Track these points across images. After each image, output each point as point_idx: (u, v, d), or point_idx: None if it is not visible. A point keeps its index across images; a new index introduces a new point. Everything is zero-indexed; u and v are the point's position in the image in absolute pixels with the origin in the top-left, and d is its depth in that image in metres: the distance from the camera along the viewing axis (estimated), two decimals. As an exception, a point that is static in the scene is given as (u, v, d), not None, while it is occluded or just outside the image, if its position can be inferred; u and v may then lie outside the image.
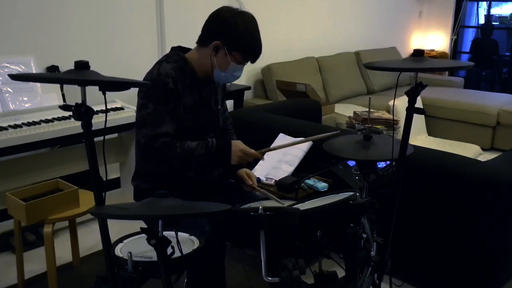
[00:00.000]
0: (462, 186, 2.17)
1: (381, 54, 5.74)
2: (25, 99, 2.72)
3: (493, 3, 7.00)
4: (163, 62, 1.85)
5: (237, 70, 1.88)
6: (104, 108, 1.81)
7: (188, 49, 1.94)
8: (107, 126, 2.78)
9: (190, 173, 1.93)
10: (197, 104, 1.90)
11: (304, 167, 2.54)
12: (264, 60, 4.57)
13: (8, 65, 2.71)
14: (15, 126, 2.49)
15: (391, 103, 4.47)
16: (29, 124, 2.54)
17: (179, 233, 1.45)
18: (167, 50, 1.98)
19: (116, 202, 1.37)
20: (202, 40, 1.87)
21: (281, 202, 1.82)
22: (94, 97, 1.69)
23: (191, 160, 1.81)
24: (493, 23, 7.23)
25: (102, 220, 1.32)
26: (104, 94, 1.25)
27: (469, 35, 7.20)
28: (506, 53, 7.00)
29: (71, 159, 2.96)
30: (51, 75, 1.97)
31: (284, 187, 2.38)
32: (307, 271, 1.41)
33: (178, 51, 1.92)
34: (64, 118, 2.66)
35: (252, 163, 2.29)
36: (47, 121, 2.61)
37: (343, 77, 5.16)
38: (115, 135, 3.20)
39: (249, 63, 1.88)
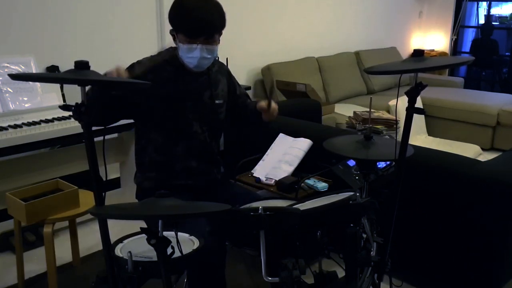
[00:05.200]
0: (462, 186, 2.17)
1: (381, 54, 5.73)
2: (25, 99, 2.72)
3: (493, 3, 7.00)
4: (152, 56, 1.89)
5: (191, 51, 1.78)
6: (104, 108, 1.81)
7: None
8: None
9: (193, 162, 1.92)
10: (179, 96, 1.88)
11: (304, 167, 2.54)
12: (264, 60, 4.57)
13: (8, 65, 2.70)
14: (15, 126, 2.48)
15: (391, 103, 4.47)
16: (29, 124, 2.54)
17: (179, 233, 1.45)
18: (167, 50, 1.98)
19: (116, 202, 1.37)
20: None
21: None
22: (94, 97, 1.69)
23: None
24: (493, 23, 7.23)
25: (102, 220, 1.32)
26: (104, 94, 1.26)
27: (469, 35, 7.19)
28: (506, 53, 7.00)
29: (71, 159, 2.96)
30: (51, 75, 1.97)
31: (284, 187, 2.38)
32: (307, 271, 1.41)
33: (172, 49, 1.93)
34: (64, 118, 2.66)
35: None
36: (47, 121, 2.61)
37: (343, 77, 5.15)
38: (115, 135, 3.19)
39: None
